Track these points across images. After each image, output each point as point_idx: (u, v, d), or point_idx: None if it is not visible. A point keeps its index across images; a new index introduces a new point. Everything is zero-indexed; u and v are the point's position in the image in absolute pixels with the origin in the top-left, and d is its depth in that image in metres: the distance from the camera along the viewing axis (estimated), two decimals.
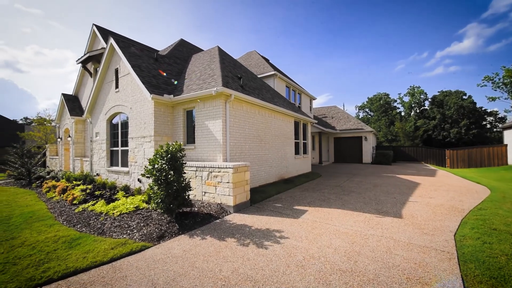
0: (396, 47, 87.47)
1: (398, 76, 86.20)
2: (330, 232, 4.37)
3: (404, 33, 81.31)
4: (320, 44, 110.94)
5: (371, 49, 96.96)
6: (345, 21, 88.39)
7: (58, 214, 5.68)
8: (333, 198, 7.13)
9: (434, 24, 73.65)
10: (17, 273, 3.16)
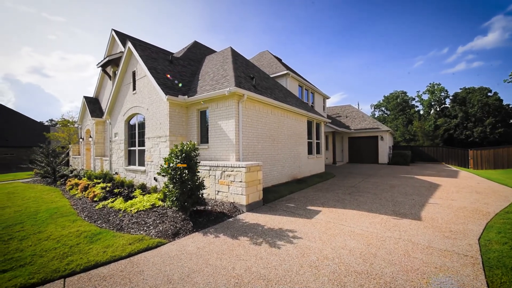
0: (414, 43, 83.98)
1: (417, 73, 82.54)
2: (344, 233, 4.28)
3: (423, 29, 77.91)
4: (334, 42, 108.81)
5: (388, 46, 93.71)
6: (360, 17, 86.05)
7: (80, 210, 5.98)
8: (348, 199, 6.97)
9: (456, 18, 70.02)
10: (43, 264, 3.36)
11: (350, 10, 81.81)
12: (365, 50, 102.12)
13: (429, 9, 71.62)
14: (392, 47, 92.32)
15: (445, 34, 75.37)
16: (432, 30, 76.73)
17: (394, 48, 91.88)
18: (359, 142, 21.11)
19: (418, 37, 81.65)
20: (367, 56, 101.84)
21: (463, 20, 69.16)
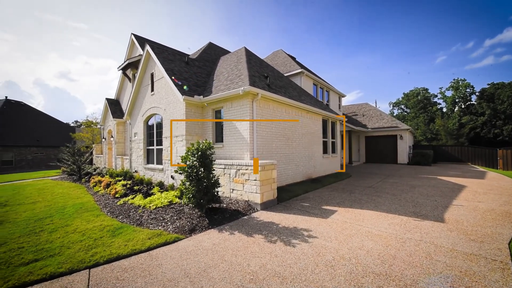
0: (436, 38, 79.68)
1: (439, 69, 78.24)
2: (361, 233, 4.17)
3: (444, 23, 73.73)
4: (350, 38, 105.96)
5: (407, 41, 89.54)
6: (379, 12, 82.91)
7: (103, 206, 6.30)
8: (365, 199, 6.78)
9: (482, 10, 65.56)
10: (70, 255, 3.58)
11: (367, 5, 79.26)
12: (383, 46, 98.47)
13: (452, 2, 67.74)
14: (412, 42, 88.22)
15: (470, 27, 70.88)
16: (455, 24, 72.43)
17: (414, 43, 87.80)
18: (377, 142, 20.43)
19: (439, 31, 77.47)
20: (385, 52, 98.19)
21: (491, 11, 64.66)
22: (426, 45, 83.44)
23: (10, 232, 4.66)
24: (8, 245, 4.03)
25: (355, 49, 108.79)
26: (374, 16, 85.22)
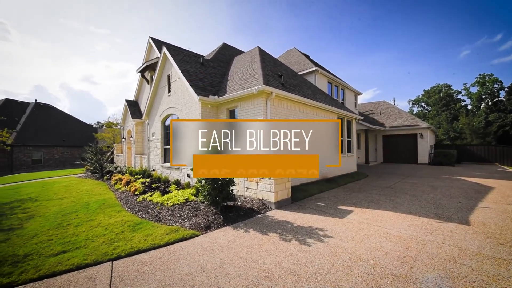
0: (459, 31, 75.08)
1: (463, 64, 73.67)
2: (379, 234, 4.06)
3: (470, 14, 69.33)
4: (367, 34, 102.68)
5: (427, 36, 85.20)
6: (397, 4, 79.49)
7: (123, 202, 6.59)
8: (383, 199, 6.58)
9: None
10: (95, 248, 3.78)
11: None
12: (402, 42, 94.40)
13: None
14: (433, 37, 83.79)
15: (498, 19, 66.19)
16: (482, 15, 67.87)
17: (434, 38, 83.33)
18: (395, 141, 19.68)
19: (463, 24, 72.93)
20: (404, 48, 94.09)
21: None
22: (448, 39, 78.66)
23: (41, 225, 5.01)
24: (39, 237, 4.33)
25: (372, 46, 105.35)
26: (393, 9, 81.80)
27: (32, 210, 6.25)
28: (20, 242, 4.14)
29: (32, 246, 3.91)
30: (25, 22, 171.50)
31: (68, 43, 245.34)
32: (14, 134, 22.26)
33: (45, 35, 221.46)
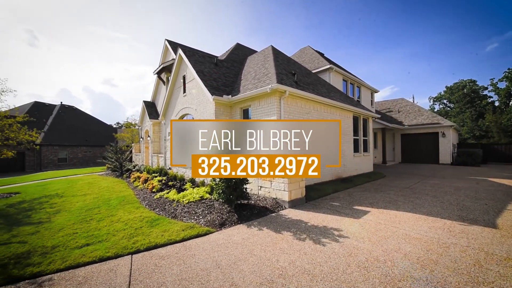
0: (486, 23, 70.29)
1: (490, 58, 68.84)
2: (398, 236, 3.92)
3: (498, 4, 64.66)
4: (385, 30, 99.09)
5: (449, 29, 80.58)
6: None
7: (142, 199, 6.84)
8: (402, 200, 6.34)
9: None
10: (115, 242, 3.96)
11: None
12: (421, 36, 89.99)
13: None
14: (456, 31, 79.18)
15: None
16: (508, 6, 63.07)
17: (458, 31, 78.70)
18: (415, 140, 18.87)
19: (490, 16, 68.18)
20: (423, 43, 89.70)
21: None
22: (472, 33, 73.99)
23: (66, 219, 5.32)
24: (65, 230, 4.60)
25: (390, 42, 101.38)
26: (411, 1, 78.15)
27: (58, 205, 6.64)
28: (48, 234, 4.42)
29: (59, 239, 4.17)
30: (51, 29, 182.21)
31: (90, 48, 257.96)
32: (42, 134, 23.75)
33: (69, 41, 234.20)
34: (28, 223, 5.20)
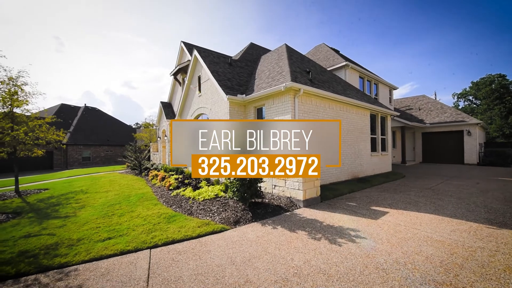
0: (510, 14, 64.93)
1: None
2: (419, 238, 3.76)
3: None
4: (404, 23, 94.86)
5: (473, 21, 75.48)
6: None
7: (159, 196, 7.06)
8: (423, 201, 6.06)
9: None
10: (135, 236, 4.12)
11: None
12: (444, 31, 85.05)
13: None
14: (480, 21, 74.00)
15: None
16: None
17: (484, 24, 73.49)
18: (437, 138, 17.94)
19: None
20: (448, 37, 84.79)
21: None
22: (498, 25, 68.74)
23: (90, 214, 5.61)
24: (89, 224, 4.86)
25: (409, 36, 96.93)
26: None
27: (83, 201, 7.03)
28: (74, 228, 4.69)
29: (83, 232, 4.41)
30: (76, 36, 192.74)
31: (111, 52, 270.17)
32: (68, 134, 25.20)
33: (92, 46, 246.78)
34: (56, 217, 5.55)
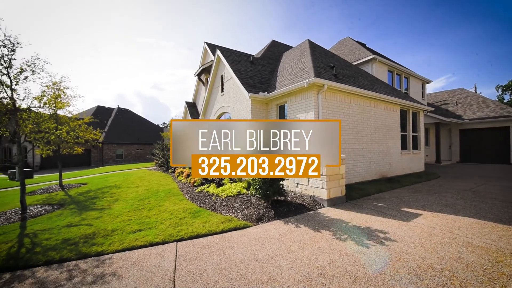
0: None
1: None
2: (457, 243, 3.44)
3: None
4: (436, 11, 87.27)
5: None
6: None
7: (185, 192, 7.34)
8: (461, 204, 5.55)
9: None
10: (162, 229, 4.32)
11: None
12: (484, 17, 76.63)
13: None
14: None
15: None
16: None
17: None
18: (478, 136, 16.28)
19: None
20: (490, 24, 76.31)
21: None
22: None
23: (123, 207, 6.00)
24: (122, 216, 5.20)
25: (444, 26, 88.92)
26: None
27: (116, 195, 7.55)
28: (108, 219, 5.05)
29: (117, 224, 4.73)
30: (109, 42, 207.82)
31: (141, 57, 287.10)
32: (103, 134, 27.28)
33: (123, 51, 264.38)
34: (93, 209, 6.03)
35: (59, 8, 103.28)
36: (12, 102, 5.64)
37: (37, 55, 5.81)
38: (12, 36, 5.35)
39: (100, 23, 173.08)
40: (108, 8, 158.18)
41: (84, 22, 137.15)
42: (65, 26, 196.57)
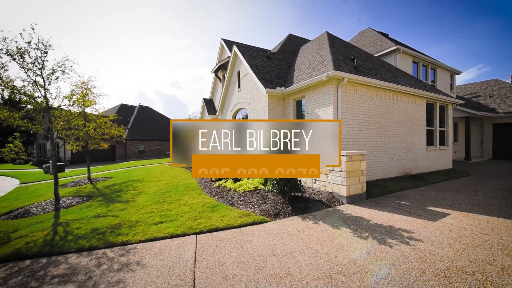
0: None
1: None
2: (491, 245, 3.20)
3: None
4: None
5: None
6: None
7: (203, 187, 7.50)
8: (495, 204, 5.15)
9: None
10: (183, 222, 4.45)
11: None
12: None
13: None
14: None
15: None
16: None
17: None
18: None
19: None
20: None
21: None
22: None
23: (145, 200, 6.27)
24: (145, 209, 5.43)
25: (475, 13, 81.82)
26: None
27: (139, 188, 7.90)
28: (133, 211, 5.31)
29: (140, 215, 4.95)
30: (129, 42, 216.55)
31: (160, 56, 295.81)
32: (126, 130, 28.61)
33: (145, 51, 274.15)
34: (119, 201, 6.36)
35: (88, 14, 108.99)
36: (46, 100, 6.05)
37: (66, 56, 6.17)
38: (44, 39, 5.72)
39: (126, 25, 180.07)
40: (129, 10, 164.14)
41: (112, 27, 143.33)
42: (93, 28, 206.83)
